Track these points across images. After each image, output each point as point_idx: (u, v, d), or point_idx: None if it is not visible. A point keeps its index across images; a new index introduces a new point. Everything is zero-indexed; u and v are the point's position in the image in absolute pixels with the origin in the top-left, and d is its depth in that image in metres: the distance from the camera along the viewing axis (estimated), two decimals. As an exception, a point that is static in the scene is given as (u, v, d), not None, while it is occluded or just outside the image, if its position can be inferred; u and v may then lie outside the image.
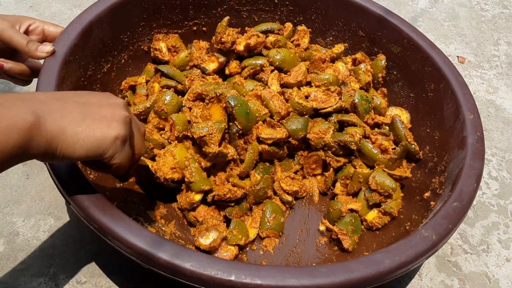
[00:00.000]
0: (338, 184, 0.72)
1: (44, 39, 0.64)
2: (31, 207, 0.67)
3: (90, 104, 0.41)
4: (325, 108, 0.73)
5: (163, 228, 0.64)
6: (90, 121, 0.39)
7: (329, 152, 0.71)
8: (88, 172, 0.61)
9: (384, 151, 0.71)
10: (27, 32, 0.62)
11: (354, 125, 0.73)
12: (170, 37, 0.83)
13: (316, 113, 0.74)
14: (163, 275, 0.46)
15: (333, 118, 0.73)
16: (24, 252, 0.61)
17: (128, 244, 0.46)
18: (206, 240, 0.60)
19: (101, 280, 0.60)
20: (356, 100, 0.75)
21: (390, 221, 0.68)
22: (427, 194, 0.66)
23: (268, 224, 0.65)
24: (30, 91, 0.39)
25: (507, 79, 1.06)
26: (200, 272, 0.44)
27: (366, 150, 0.70)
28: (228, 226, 0.62)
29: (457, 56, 1.09)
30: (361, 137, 0.71)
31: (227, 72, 0.81)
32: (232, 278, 0.44)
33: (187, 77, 0.75)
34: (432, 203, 0.62)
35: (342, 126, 0.74)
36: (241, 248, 0.63)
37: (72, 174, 0.51)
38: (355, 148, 0.70)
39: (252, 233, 0.65)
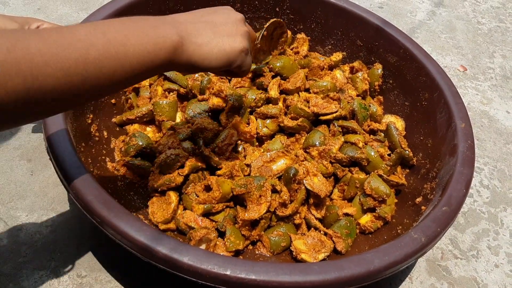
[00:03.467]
0: (335, 190, 0.74)
1: (52, 40, 0.66)
2: (35, 203, 0.68)
3: (217, 24, 0.49)
4: (326, 115, 0.75)
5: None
6: (220, 38, 0.48)
7: (337, 164, 0.72)
8: (91, 169, 0.63)
9: (380, 157, 0.73)
10: None
11: (354, 131, 0.75)
12: (174, 41, 0.85)
13: (317, 120, 0.76)
14: (161, 269, 0.48)
15: (336, 125, 0.75)
16: (27, 245, 0.63)
17: (129, 237, 0.48)
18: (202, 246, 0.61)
19: (101, 274, 0.62)
20: (355, 108, 0.77)
21: (382, 225, 0.70)
22: (418, 199, 0.68)
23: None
24: (170, 15, 0.47)
25: (501, 91, 1.08)
26: (197, 266, 0.46)
27: (370, 158, 0.72)
28: (220, 236, 0.63)
29: (461, 66, 1.12)
30: (364, 144, 0.73)
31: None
32: (228, 272, 0.46)
33: (189, 79, 0.78)
34: (423, 207, 0.64)
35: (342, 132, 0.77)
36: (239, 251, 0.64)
37: (76, 170, 0.53)
38: (366, 164, 0.72)
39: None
